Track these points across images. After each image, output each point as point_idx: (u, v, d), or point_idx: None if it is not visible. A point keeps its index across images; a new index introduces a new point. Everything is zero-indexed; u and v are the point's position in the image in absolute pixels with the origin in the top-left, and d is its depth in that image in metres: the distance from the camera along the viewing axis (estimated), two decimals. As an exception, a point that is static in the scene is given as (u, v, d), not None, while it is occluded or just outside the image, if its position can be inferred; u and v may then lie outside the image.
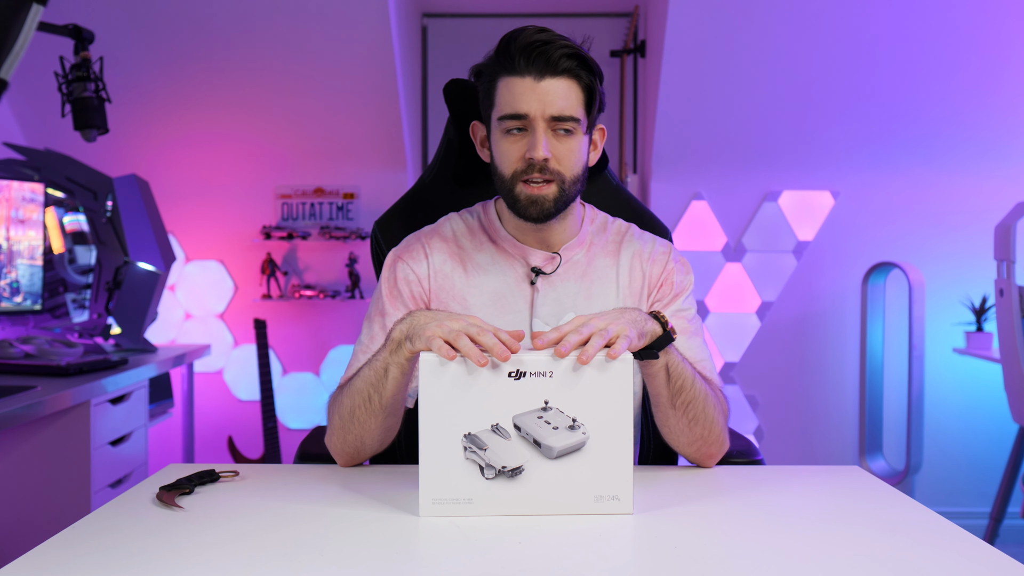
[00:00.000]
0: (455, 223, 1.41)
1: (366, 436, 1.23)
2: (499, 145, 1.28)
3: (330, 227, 3.40)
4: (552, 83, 1.23)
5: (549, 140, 1.25)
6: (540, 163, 1.24)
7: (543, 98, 1.23)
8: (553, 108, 1.23)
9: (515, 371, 1.05)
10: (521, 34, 1.25)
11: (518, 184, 1.27)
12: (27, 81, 3.02)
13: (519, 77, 1.24)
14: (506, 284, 1.35)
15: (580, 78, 1.25)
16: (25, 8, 1.57)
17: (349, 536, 0.98)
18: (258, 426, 3.43)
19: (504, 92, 1.26)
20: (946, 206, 3.31)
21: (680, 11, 2.91)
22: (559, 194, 1.27)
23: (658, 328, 1.16)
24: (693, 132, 3.24)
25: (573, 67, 1.24)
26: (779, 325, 3.37)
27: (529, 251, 1.35)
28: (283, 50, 3.11)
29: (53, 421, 2.13)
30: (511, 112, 1.25)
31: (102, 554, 0.92)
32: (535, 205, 1.27)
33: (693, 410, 1.23)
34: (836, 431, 3.38)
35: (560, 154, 1.26)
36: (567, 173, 1.27)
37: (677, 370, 1.21)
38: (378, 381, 1.17)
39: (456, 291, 1.35)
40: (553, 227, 1.34)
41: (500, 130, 1.28)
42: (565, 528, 1.01)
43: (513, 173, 1.27)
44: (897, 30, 2.99)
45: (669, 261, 1.39)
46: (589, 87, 1.26)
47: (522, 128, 1.25)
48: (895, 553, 0.94)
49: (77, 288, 2.84)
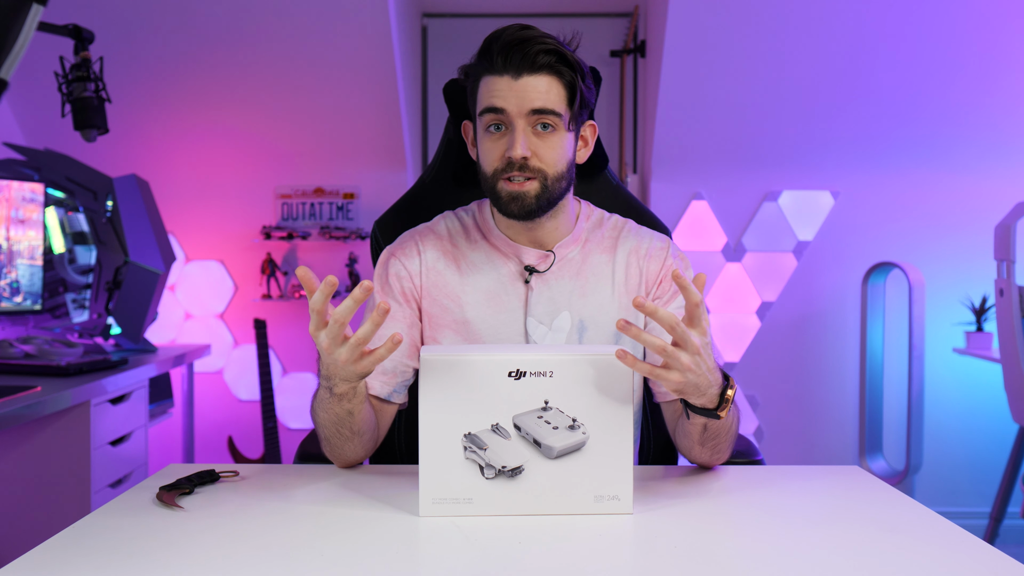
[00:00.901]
0: (450, 221, 1.41)
1: (349, 454, 1.26)
2: (482, 144, 1.30)
3: (330, 227, 3.40)
4: (531, 80, 1.24)
5: (529, 138, 1.25)
6: (519, 161, 1.24)
7: (521, 95, 1.24)
8: (531, 103, 1.24)
9: (515, 371, 1.05)
10: (503, 33, 1.26)
11: (500, 181, 1.27)
12: (27, 81, 3.02)
13: (498, 76, 1.25)
14: (500, 282, 1.35)
15: (561, 74, 1.25)
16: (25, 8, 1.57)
17: (349, 536, 0.98)
18: (258, 426, 3.43)
19: (484, 90, 1.27)
20: (946, 206, 3.31)
21: (680, 11, 2.91)
22: (541, 191, 1.27)
23: (715, 399, 1.12)
24: (693, 132, 3.24)
25: (552, 63, 1.24)
26: (779, 325, 3.37)
27: (522, 249, 1.35)
28: (283, 50, 3.11)
29: (53, 421, 2.13)
30: (489, 106, 1.25)
31: (102, 554, 0.92)
32: (516, 201, 1.27)
33: (720, 445, 1.24)
34: (836, 431, 3.38)
35: (541, 151, 1.26)
36: (549, 170, 1.26)
37: (715, 426, 1.19)
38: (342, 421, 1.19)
39: (449, 289, 1.35)
40: (544, 225, 1.34)
41: (482, 128, 1.29)
42: (565, 528, 1.01)
43: (494, 171, 1.27)
44: (897, 30, 2.99)
45: (668, 257, 1.38)
46: (571, 83, 1.26)
47: (502, 126, 1.26)
48: (895, 553, 0.94)
49: (77, 288, 2.84)
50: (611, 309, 1.34)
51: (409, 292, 1.36)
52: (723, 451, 1.26)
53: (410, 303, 1.36)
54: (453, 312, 1.34)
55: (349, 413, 1.18)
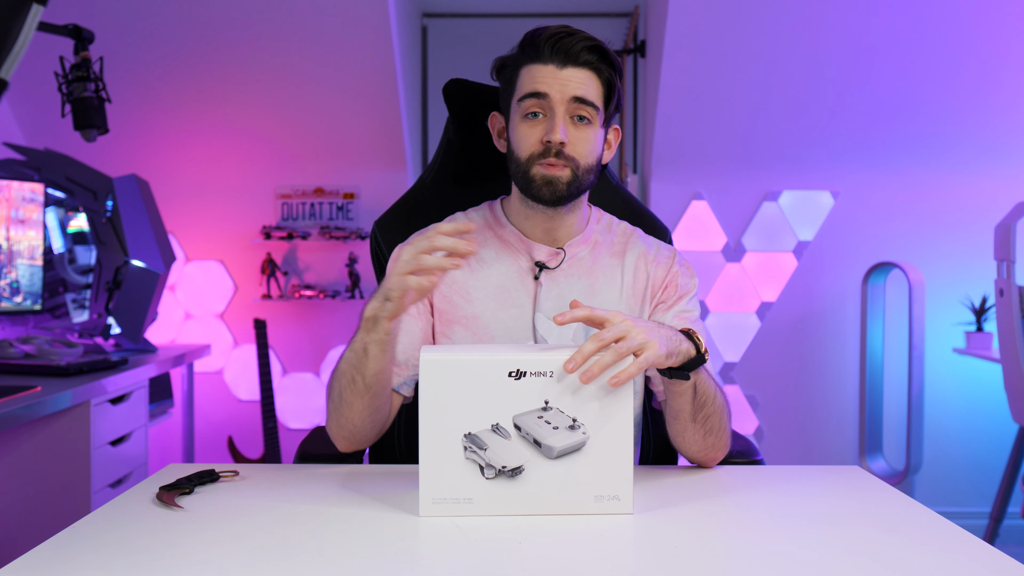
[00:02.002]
0: (460, 220, 1.42)
1: (355, 418, 1.24)
2: (518, 129, 1.31)
3: (330, 227, 3.40)
4: (573, 72, 1.27)
5: (567, 126, 1.28)
6: (557, 146, 1.27)
7: (564, 83, 1.27)
8: (574, 91, 1.27)
9: (515, 371, 1.05)
10: (546, 28, 1.30)
11: (535, 166, 1.29)
12: (27, 81, 3.02)
13: (542, 64, 1.28)
14: (509, 278, 1.36)
15: (600, 71, 1.29)
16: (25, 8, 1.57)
17: (349, 536, 0.98)
18: (258, 426, 3.43)
19: (526, 77, 1.29)
20: (946, 206, 3.31)
21: (680, 11, 2.92)
22: (573, 178, 1.29)
23: (692, 349, 1.16)
24: (693, 132, 3.24)
25: (594, 60, 1.28)
26: (779, 325, 3.37)
27: (534, 245, 1.37)
28: (283, 50, 3.11)
29: (53, 421, 2.13)
30: (532, 91, 1.28)
31: (102, 554, 0.92)
32: (549, 186, 1.28)
33: (711, 422, 1.24)
34: (836, 431, 3.38)
35: (576, 141, 1.28)
36: (582, 160, 1.29)
37: (703, 387, 1.21)
38: (359, 361, 1.19)
39: (459, 285, 1.36)
40: (561, 219, 1.35)
41: (520, 114, 1.30)
42: (565, 528, 1.01)
43: (530, 156, 1.29)
44: (897, 30, 2.99)
45: (674, 264, 1.41)
46: (609, 81, 1.30)
47: (541, 113, 1.28)
48: (895, 553, 0.94)
49: (77, 288, 2.84)
50: (619, 310, 1.35)
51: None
52: (717, 432, 1.26)
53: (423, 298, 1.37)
54: (463, 308, 1.35)
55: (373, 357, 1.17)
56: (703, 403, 1.22)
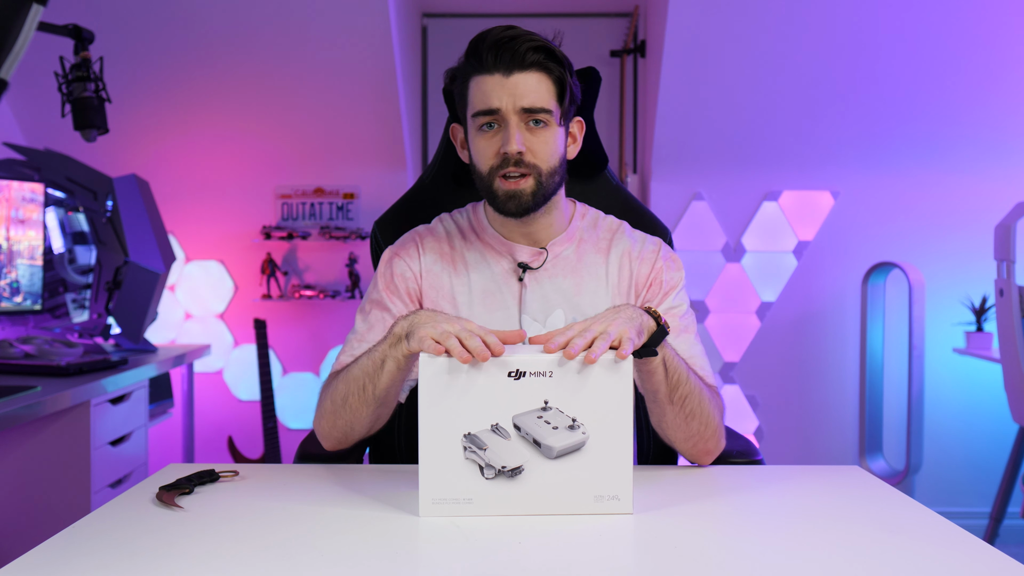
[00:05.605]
0: (447, 223, 1.43)
1: (356, 423, 1.25)
2: (475, 143, 1.30)
3: (330, 227, 3.40)
4: (521, 77, 1.25)
5: (522, 133, 1.26)
6: (515, 156, 1.26)
7: (513, 92, 1.25)
8: (524, 100, 1.25)
9: (515, 371, 1.05)
10: (489, 34, 1.27)
11: (496, 180, 1.28)
12: (27, 81, 3.02)
13: (489, 75, 1.26)
14: (494, 281, 1.36)
15: (550, 71, 1.27)
16: (25, 8, 1.57)
17: (349, 536, 0.98)
18: (258, 426, 3.43)
19: (475, 91, 1.28)
20: (946, 206, 3.30)
21: (680, 11, 2.91)
22: (536, 187, 1.28)
23: (653, 323, 1.16)
24: (693, 132, 3.24)
25: (541, 60, 1.26)
26: (779, 325, 3.37)
27: (516, 247, 1.37)
28: (283, 50, 3.11)
29: (53, 421, 2.13)
30: (483, 108, 1.26)
31: (102, 554, 0.92)
32: (513, 200, 1.28)
33: (690, 404, 1.23)
34: (836, 431, 3.38)
35: (534, 146, 1.27)
36: (543, 165, 1.28)
37: (673, 363, 1.21)
38: (374, 371, 1.18)
39: (445, 289, 1.37)
40: (538, 221, 1.35)
41: (474, 128, 1.29)
42: (565, 528, 1.01)
43: (490, 169, 1.28)
44: (897, 30, 2.99)
45: (658, 259, 1.39)
46: (560, 79, 1.28)
47: (495, 124, 1.27)
48: (895, 553, 0.94)
49: (77, 288, 2.84)
50: (605, 308, 1.35)
51: (413, 292, 1.38)
52: (700, 417, 1.25)
53: (414, 302, 1.38)
54: (450, 312, 1.35)
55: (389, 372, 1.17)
56: (677, 381, 1.21)
